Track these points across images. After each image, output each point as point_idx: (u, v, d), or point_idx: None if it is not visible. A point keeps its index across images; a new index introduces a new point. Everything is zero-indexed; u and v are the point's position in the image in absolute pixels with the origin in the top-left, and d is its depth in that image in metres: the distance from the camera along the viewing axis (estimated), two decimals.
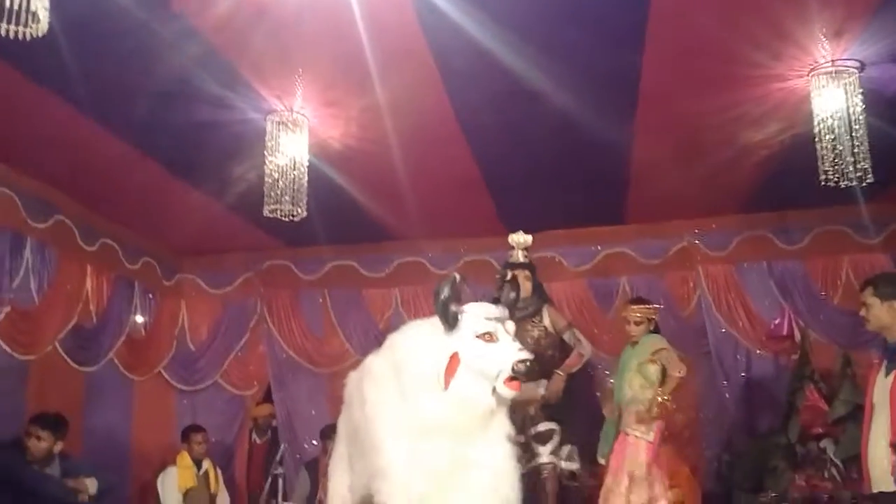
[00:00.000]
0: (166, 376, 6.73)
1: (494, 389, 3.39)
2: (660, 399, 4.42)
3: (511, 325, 3.66)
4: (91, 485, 4.70)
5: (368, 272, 6.83)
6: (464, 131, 4.61)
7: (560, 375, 4.87)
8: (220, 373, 6.83)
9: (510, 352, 3.47)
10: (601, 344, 6.34)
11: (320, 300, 6.83)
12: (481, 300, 5.90)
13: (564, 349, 5.05)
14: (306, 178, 4.38)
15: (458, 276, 3.87)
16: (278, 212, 4.39)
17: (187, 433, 6.11)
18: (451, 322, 3.57)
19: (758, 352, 6.22)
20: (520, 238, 4.93)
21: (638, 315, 4.74)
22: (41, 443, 4.56)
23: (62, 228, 5.42)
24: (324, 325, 6.84)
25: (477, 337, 3.51)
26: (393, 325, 6.67)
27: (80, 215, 5.62)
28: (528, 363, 3.41)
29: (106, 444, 5.93)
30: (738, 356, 6.25)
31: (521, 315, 4.76)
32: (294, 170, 4.32)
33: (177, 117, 4.32)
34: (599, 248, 6.56)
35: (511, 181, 5.39)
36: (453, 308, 3.56)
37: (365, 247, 6.73)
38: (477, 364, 3.45)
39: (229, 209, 5.71)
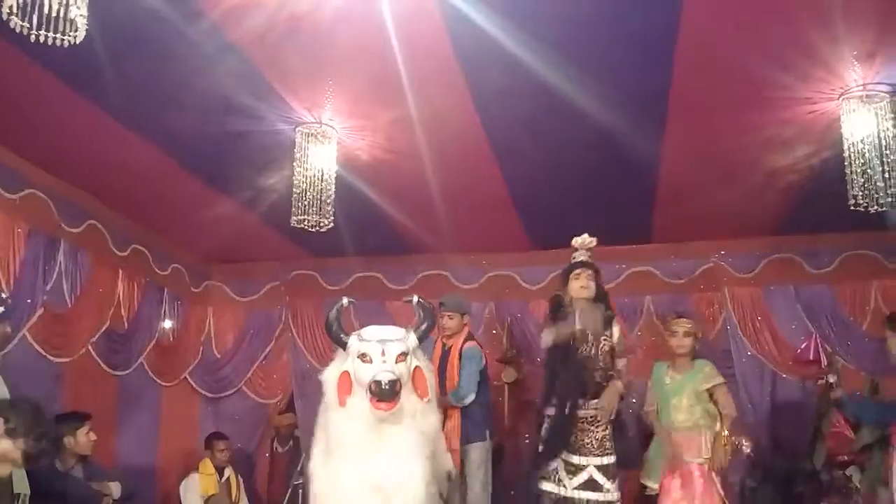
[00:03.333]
0: (192, 383, 6.81)
1: None
2: (726, 443, 4.42)
3: (393, 347, 3.92)
4: (115, 488, 4.76)
5: (393, 284, 6.87)
6: (492, 146, 4.65)
7: (617, 386, 4.53)
8: (245, 381, 6.89)
9: (371, 372, 3.80)
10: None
11: (346, 314, 6.86)
12: (506, 316, 5.96)
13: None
14: (333, 190, 4.43)
15: (345, 301, 4.31)
16: (305, 222, 4.44)
17: (210, 440, 6.17)
18: (340, 344, 4.04)
19: (783, 376, 6.15)
20: (584, 239, 4.84)
21: (689, 326, 4.72)
22: (91, 436, 4.66)
23: (95, 233, 5.53)
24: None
25: (357, 357, 3.92)
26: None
27: (113, 221, 5.73)
28: (382, 384, 3.72)
29: (136, 449, 6.02)
30: (764, 380, 6.19)
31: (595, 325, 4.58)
32: (322, 181, 4.38)
33: (210, 128, 4.40)
34: (624, 266, 6.54)
35: (538, 197, 5.41)
36: (338, 332, 4.05)
37: (390, 259, 6.78)
38: (358, 382, 3.85)
39: (258, 219, 5.78)
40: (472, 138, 4.50)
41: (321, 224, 4.46)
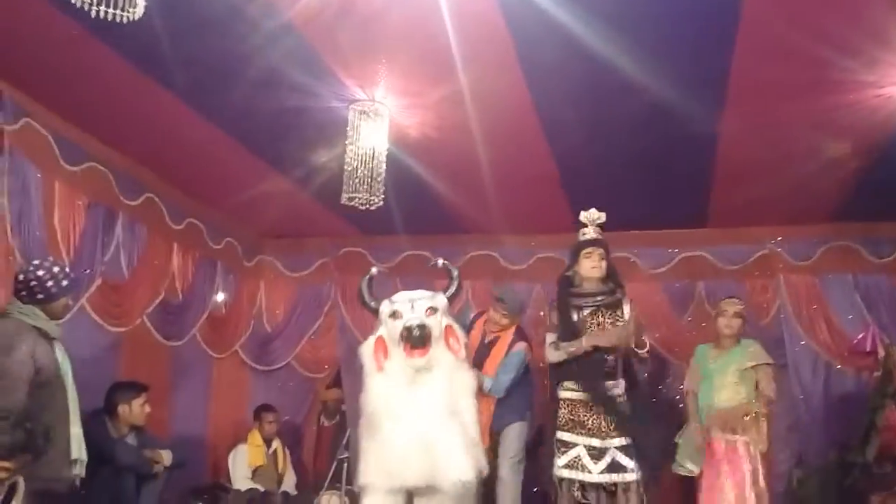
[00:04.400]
0: (242, 355, 6.94)
1: None
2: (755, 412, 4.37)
3: (422, 303, 4.06)
4: (167, 456, 4.90)
5: None
6: (543, 125, 4.59)
7: (627, 324, 4.47)
8: (294, 355, 7.00)
9: (403, 321, 3.98)
10: (674, 350, 6.26)
11: (393, 288, 6.89)
12: (552, 299, 5.96)
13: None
14: (384, 168, 4.44)
15: (374, 270, 4.41)
16: (356, 200, 4.47)
17: (259, 412, 6.30)
18: (372, 310, 4.24)
19: (838, 367, 6.02)
20: (592, 214, 4.71)
21: (740, 307, 4.67)
22: (146, 407, 4.83)
23: (152, 206, 5.65)
24: None
25: (389, 317, 4.07)
26: (462, 318, 6.74)
27: (169, 195, 5.84)
28: (413, 330, 3.89)
29: (187, 418, 6.18)
30: (817, 370, 6.06)
31: (602, 302, 4.56)
32: (373, 159, 4.39)
33: (265, 104, 4.43)
34: (677, 250, 6.45)
35: (589, 178, 5.34)
36: (369, 299, 4.27)
37: (439, 238, 6.77)
38: (391, 340, 4.01)
39: (310, 195, 5.84)
40: (522, 115, 4.46)
41: (371, 202, 4.48)
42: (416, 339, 3.92)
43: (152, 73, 4.09)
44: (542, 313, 6.40)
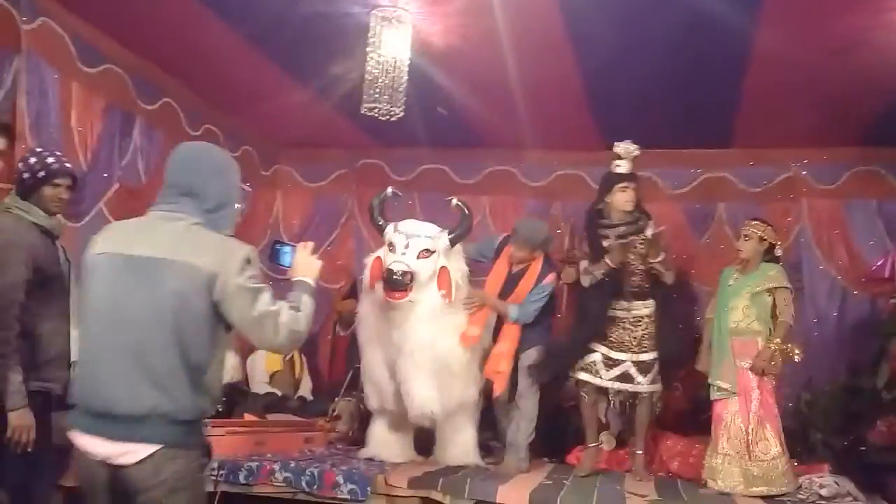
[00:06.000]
0: (259, 264, 6.95)
1: None
2: (775, 348, 4.38)
3: (418, 242, 4.29)
4: None
5: (459, 178, 6.83)
6: (572, 39, 4.46)
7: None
8: None
9: (389, 260, 4.23)
10: (692, 272, 6.26)
11: (410, 202, 6.87)
12: (571, 215, 5.98)
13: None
14: (406, 77, 4.35)
15: (388, 191, 4.47)
16: (376, 111, 4.39)
17: None
18: (379, 230, 4.50)
19: (854, 293, 6.00)
20: (628, 147, 4.77)
21: (749, 230, 4.64)
22: None
23: (169, 111, 5.58)
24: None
25: (386, 245, 4.35)
26: (479, 234, 6.74)
27: (187, 100, 5.76)
28: (393, 273, 4.14)
29: None
30: (833, 295, 6.04)
31: (628, 230, 4.72)
32: (394, 68, 4.29)
33: (286, 9, 4.32)
34: (700, 171, 6.36)
35: (614, 95, 5.21)
36: (377, 218, 4.49)
37: (458, 152, 6.71)
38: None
39: (328, 105, 5.74)
40: (551, 27, 4.32)
41: (392, 113, 4.40)
42: (395, 283, 4.11)
43: None
44: (558, 230, 6.37)
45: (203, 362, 2.34)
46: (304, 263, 2.73)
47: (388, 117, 4.42)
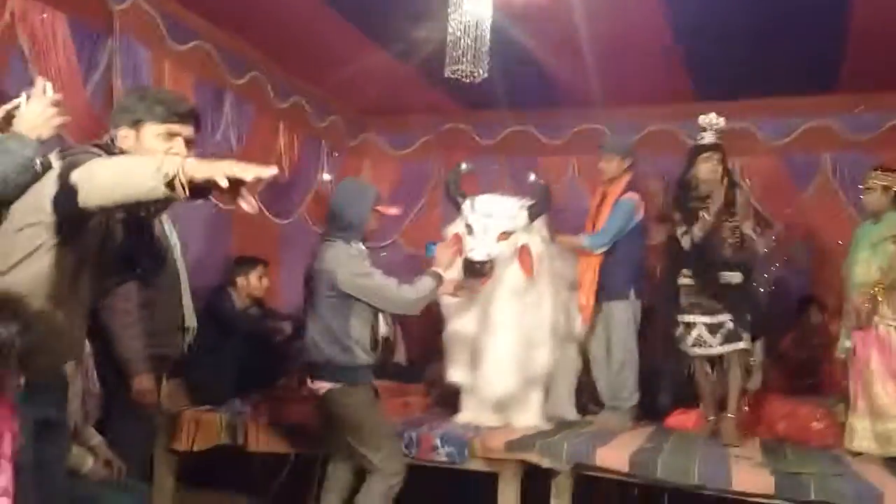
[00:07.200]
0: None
1: None
2: (873, 294, 4.14)
3: (497, 224, 4.19)
4: (287, 327, 5.14)
5: (546, 139, 6.71)
6: None
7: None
8: (399, 232, 7.08)
9: (469, 247, 4.16)
10: (795, 226, 5.99)
11: (496, 166, 6.80)
12: (665, 172, 5.78)
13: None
14: (489, 37, 4.25)
15: (464, 166, 4.33)
16: (459, 72, 4.31)
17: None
18: (456, 206, 4.43)
19: None
20: (711, 119, 4.66)
21: (871, 180, 4.39)
22: (264, 281, 5.03)
23: (258, 84, 5.66)
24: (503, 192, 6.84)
25: (464, 225, 4.28)
26: (568, 195, 6.61)
27: (274, 72, 5.84)
28: (473, 264, 4.08)
29: (295, 293, 6.37)
30: None
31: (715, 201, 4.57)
32: (476, 28, 4.20)
33: None
34: (801, 120, 6.02)
35: (707, 42, 4.95)
36: (454, 194, 4.43)
37: (544, 113, 6.57)
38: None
39: (412, 70, 5.71)
40: None
41: (475, 74, 4.30)
42: (475, 272, 4.08)
43: None
44: (650, 188, 6.18)
45: None
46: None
47: (471, 79, 4.33)
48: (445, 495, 4.43)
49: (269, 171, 1.85)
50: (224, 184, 1.80)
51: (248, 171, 1.82)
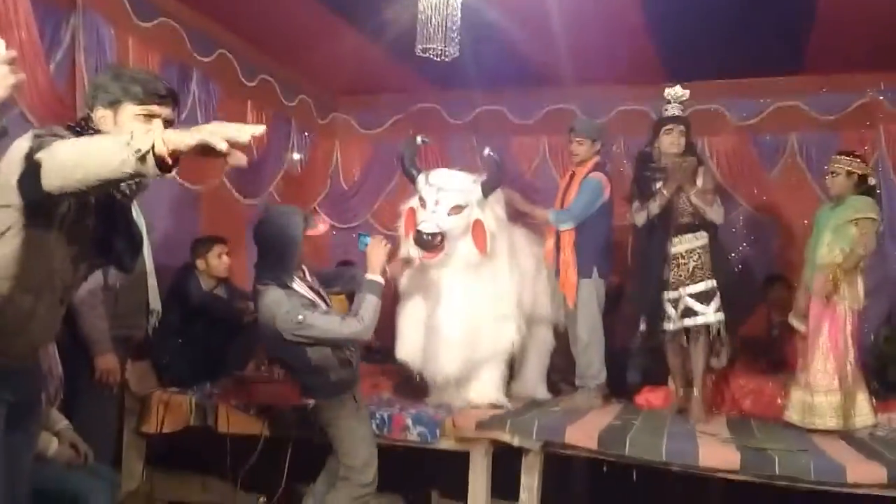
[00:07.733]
0: (321, 213, 7.01)
1: None
2: (836, 273, 4.22)
3: (449, 198, 4.16)
4: (254, 306, 5.07)
5: (517, 118, 6.71)
6: None
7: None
8: (371, 212, 7.05)
9: (420, 220, 4.14)
10: (761, 206, 6.05)
11: (469, 145, 6.77)
12: (633, 153, 5.80)
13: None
14: (459, 16, 4.22)
15: (419, 139, 4.34)
16: (430, 51, 4.29)
17: (339, 266, 6.41)
18: (411, 180, 4.37)
19: None
20: (676, 91, 4.67)
21: (834, 165, 4.45)
22: (224, 259, 4.92)
23: (225, 63, 5.59)
24: (471, 171, 6.83)
25: (417, 199, 4.24)
26: (539, 174, 6.62)
27: (242, 51, 5.76)
28: (423, 235, 4.05)
29: None
30: None
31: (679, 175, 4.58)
32: (447, 5, 4.17)
33: None
34: (769, 101, 6.08)
35: (677, 23, 4.97)
36: (409, 168, 4.37)
37: (514, 92, 6.56)
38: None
39: (382, 49, 5.65)
40: None
41: (447, 53, 4.29)
42: (425, 244, 4.06)
43: None
44: (621, 169, 6.22)
45: None
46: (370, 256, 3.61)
47: (442, 58, 4.31)
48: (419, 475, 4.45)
49: (260, 129, 1.88)
50: (223, 147, 1.77)
51: (244, 132, 1.81)
